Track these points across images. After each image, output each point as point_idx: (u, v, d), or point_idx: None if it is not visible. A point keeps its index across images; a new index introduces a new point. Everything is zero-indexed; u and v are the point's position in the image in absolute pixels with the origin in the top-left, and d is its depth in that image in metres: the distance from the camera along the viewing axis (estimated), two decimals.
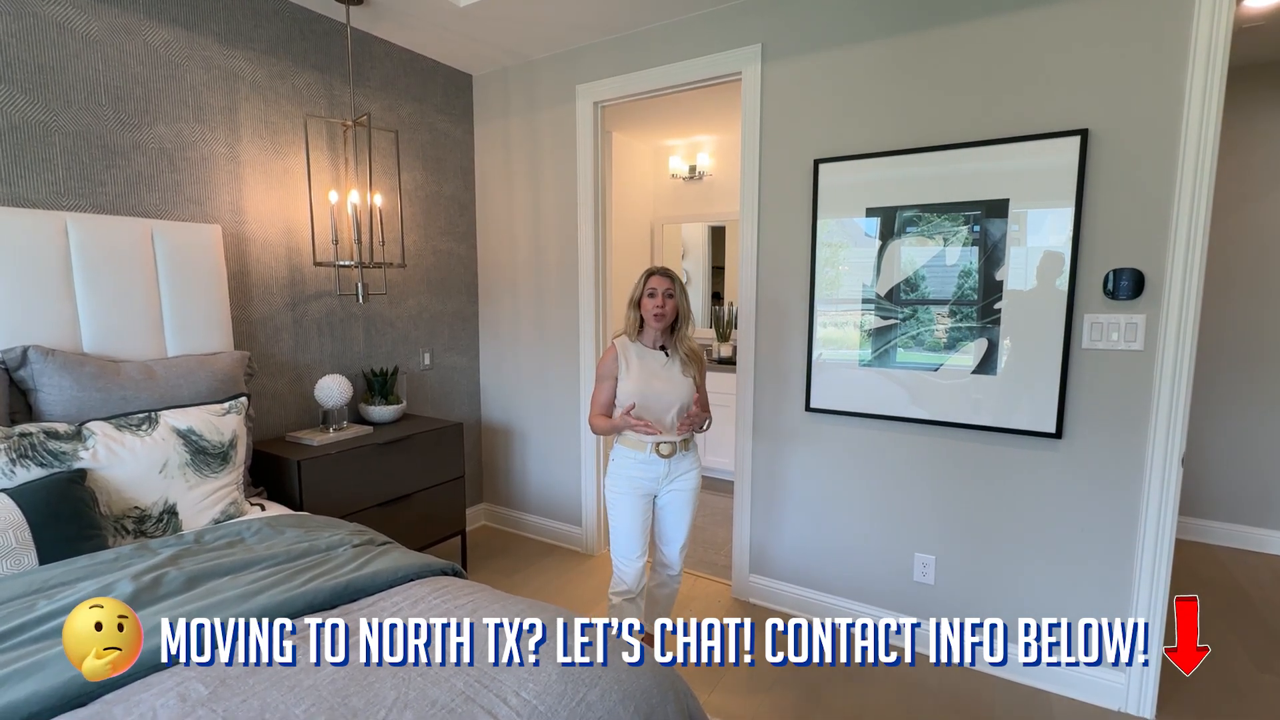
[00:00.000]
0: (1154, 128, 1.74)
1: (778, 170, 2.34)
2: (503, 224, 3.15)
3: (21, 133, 1.79)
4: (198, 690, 0.95)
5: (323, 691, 0.96)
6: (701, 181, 4.49)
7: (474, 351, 3.31)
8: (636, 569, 1.93)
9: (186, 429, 1.79)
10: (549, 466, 3.14)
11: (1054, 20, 1.83)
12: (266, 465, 2.21)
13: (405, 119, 2.84)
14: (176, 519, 1.70)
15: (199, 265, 2.08)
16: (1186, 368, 1.75)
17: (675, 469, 1.91)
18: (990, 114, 1.94)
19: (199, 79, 2.16)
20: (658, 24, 2.54)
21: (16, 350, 1.67)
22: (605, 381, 1.92)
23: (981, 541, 2.08)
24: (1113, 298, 1.83)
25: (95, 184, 1.94)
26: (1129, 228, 1.80)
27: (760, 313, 2.43)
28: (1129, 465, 1.86)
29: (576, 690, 1.04)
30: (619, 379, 1.90)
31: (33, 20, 1.79)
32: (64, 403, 1.70)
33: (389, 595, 1.33)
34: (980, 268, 2.00)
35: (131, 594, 1.18)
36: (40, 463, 1.50)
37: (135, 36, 2.00)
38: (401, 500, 2.49)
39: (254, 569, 1.37)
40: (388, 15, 2.49)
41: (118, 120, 1.98)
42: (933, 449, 2.14)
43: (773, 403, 2.43)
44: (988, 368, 2.02)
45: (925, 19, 2.02)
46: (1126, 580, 1.88)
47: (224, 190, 2.25)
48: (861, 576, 2.32)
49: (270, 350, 2.43)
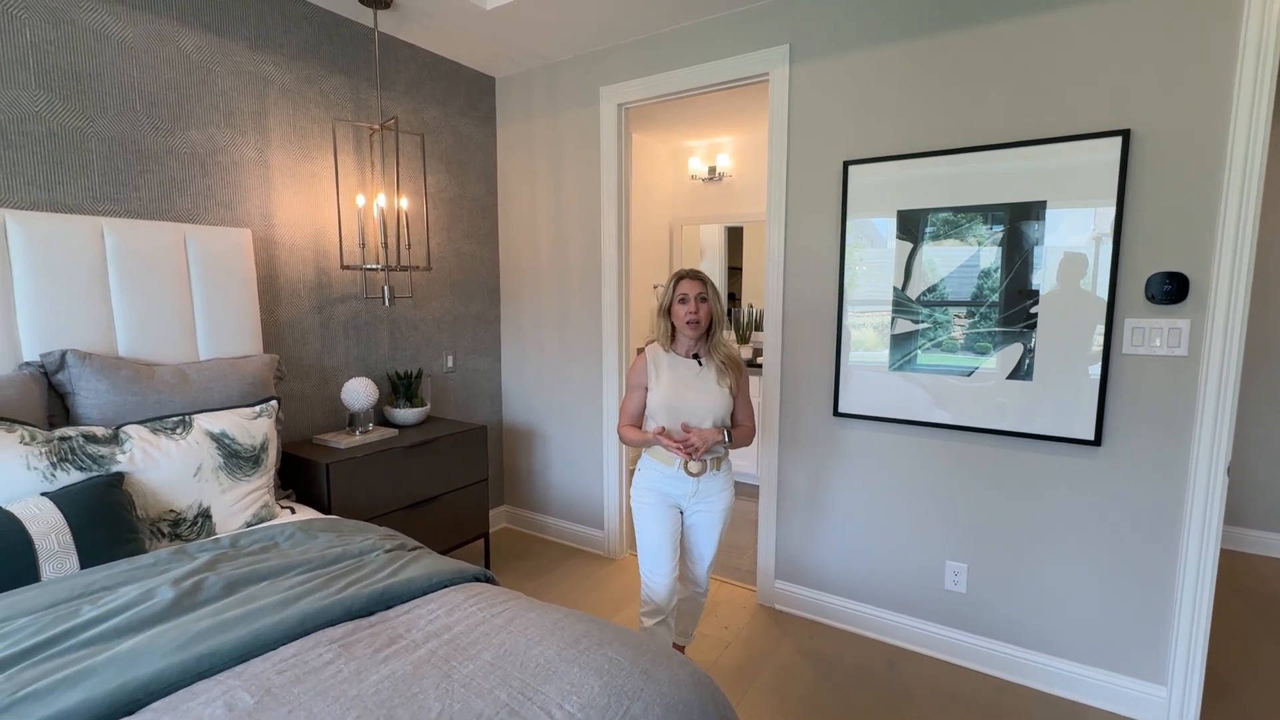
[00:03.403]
0: (1200, 128, 1.69)
1: (806, 172, 2.31)
2: (525, 226, 3.15)
3: (60, 139, 1.81)
4: (244, 700, 0.95)
5: (367, 702, 0.96)
6: (721, 182, 4.46)
7: (496, 354, 3.31)
8: (666, 586, 1.82)
9: (219, 432, 1.80)
10: (571, 469, 3.13)
11: (1093, 20, 1.79)
12: (294, 468, 2.22)
13: (429, 122, 2.85)
14: (210, 522, 1.71)
15: (230, 269, 2.09)
16: (1233, 374, 1.71)
17: (704, 488, 1.81)
18: (1026, 115, 1.91)
19: (229, 84, 2.17)
20: (683, 25, 2.52)
21: (55, 354, 1.69)
22: (635, 391, 1.84)
23: (1015, 549, 2.04)
24: (1155, 302, 1.79)
25: (129, 189, 1.96)
26: (1172, 230, 1.75)
27: (787, 316, 2.41)
28: (1171, 474, 1.81)
29: (620, 703, 1.03)
30: (649, 389, 1.82)
31: (71, 28, 1.81)
32: (100, 406, 1.72)
33: (425, 602, 1.32)
34: (1015, 271, 1.96)
35: (172, 600, 1.19)
36: (80, 466, 1.52)
37: (169, 42, 2.02)
38: (427, 503, 2.49)
39: (290, 575, 1.37)
40: (414, 18, 2.50)
41: (151, 126, 2.00)
42: (964, 455, 2.10)
43: (799, 407, 2.41)
44: (1022, 373, 1.98)
45: (961, 18, 1.98)
46: (1168, 591, 1.84)
47: (253, 194, 2.26)
48: (891, 584, 2.28)
49: (297, 353, 2.44)
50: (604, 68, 2.76)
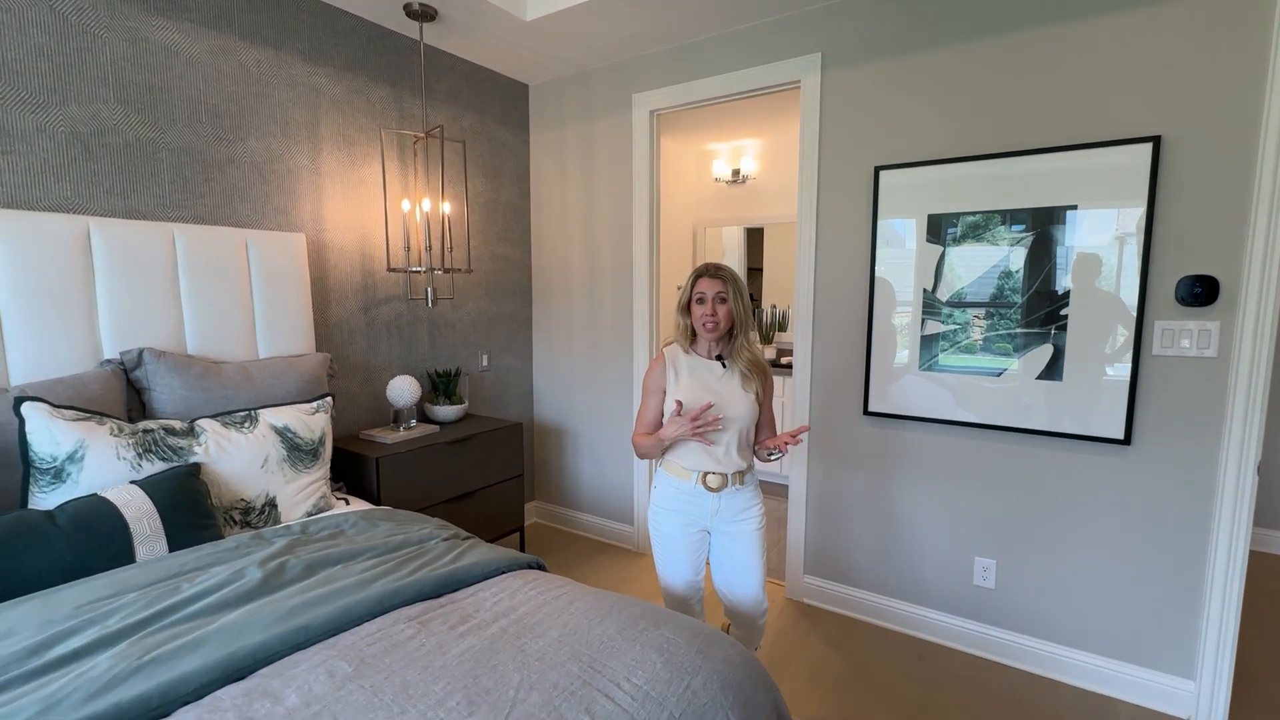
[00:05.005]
0: (1231, 134, 1.73)
1: (837, 176, 2.38)
2: (556, 229, 3.24)
3: (134, 150, 1.92)
4: (342, 668, 1.04)
5: (453, 671, 1.04)
6: (745, 185, 4.53)
7: (527, 353, 3.41)
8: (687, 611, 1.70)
9: (283, 426, 1.90)
10: (601, 465, 3.21)
11: (1123, 30, 1.84)
12: (344, 461, 2.33)
13: (467, 129, 2.94)
14: (276, 511, 1.81)
15: (287, 271, 2.20)
16: (1263, 375, 1.74)
17: (728, 506, 1.64)
18: (1057, 121, 1.95)
19: (285, 95, 2.28)
20: (715, 34, 2.59)
21: (134, 352, 1.81)
22: (652, 396, 1.68)
23: (1044, 546, 2.09)
24: (1185, 304, 1.83)
25: (195, 196, 2.07)
26: (1202, 234, 1.79)
27: (817, 317, 2.47)
28: (1201, 473, 1.85)
29: (681, 678, 1.10)
30: (667, 393, 1.66)
31: (144, 45, 1.93)
32: (174, 401, 1.83)
33: (487, 586, 1.41)
34: (1044, 273, 2.01)
35: (261, 579, 1.29)
36: (162, 457, 1.63)
37: (231, 57, 2.13)
38: (467, 496, 2.59)
39: (361, 559, 1.46)
40: (456, 30, 2.60)
41: (215, 136, 2.11)
42: (993, 454, 2.15)
43: (829, 406, 2.47)
44: (1053, 374, 2.02)
45: (991, 28, 2.03)
46: (1197, 588, 1.88)
47: (306, 200, 2.37)
48: (919, 579, 2.34)
49: (344, 352, 2.55)
50: (636, 75, 2.84)
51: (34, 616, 1.12)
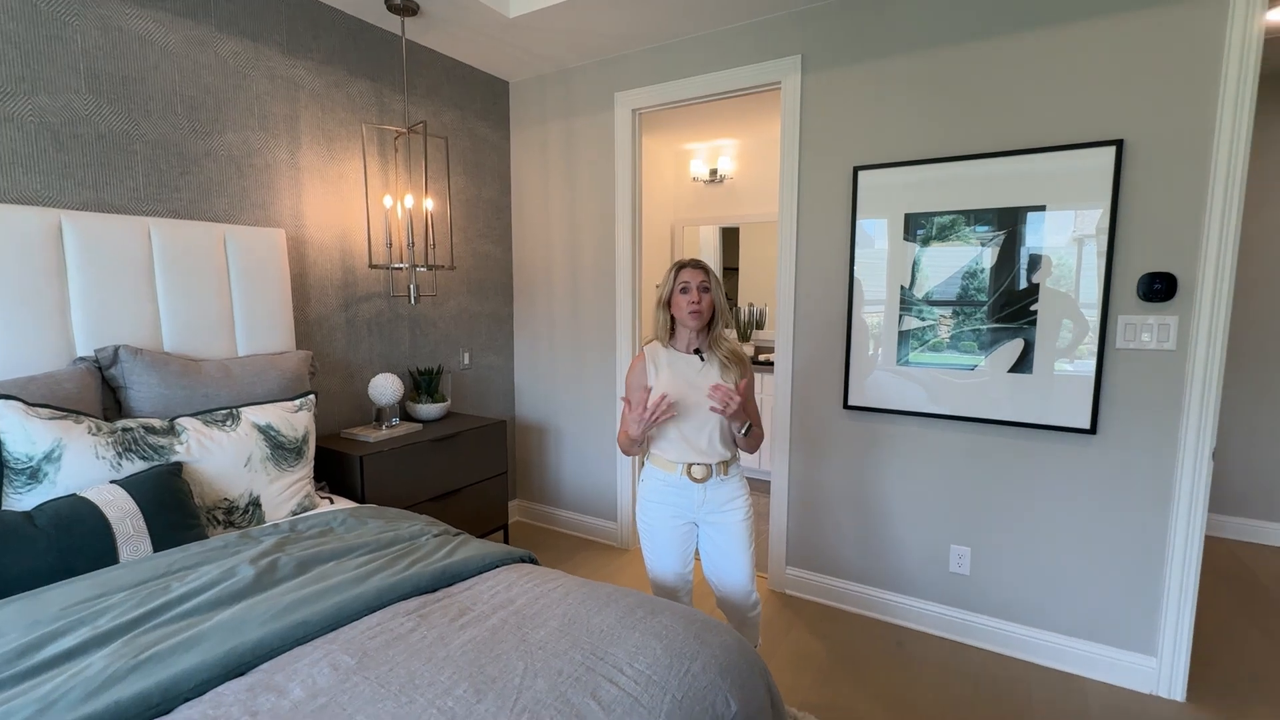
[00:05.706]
0: (1188, 137, 1.83)
1: (817, 176, 2.43)
2: (538, 227, 3.24)
3: (107, 141, 1.87)
4: (345, 661, 1.03)
5: (458, 661, 1.05)
6: (722, 185, 4.58)
7: (509, 351, 3.40)
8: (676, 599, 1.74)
9: (265, 425, 1.87)
10: (584, 463, 3.22)
11: (1088, 37, 1.93)
12: (328, 460, 2.30)
13: (448, 125, 2.93)
14: (260, 510, 1.78)
15: (266, 268, 2.16)
16: (1217, 367, 1.85)
17: (713, 496, 1.68)
18: (1026, 125, 2.04)
19: (264, 88, 2.24)
20: (698, 34, 2.63)
21: (109, 349, 1.76)
22: (634, 394, 1.71)
23: (1016, 533, 2.18)
24: (1145, 300, 1.93)
25: (171, 190, 2.02)
26: (1162, 232, 1.89)
27: (798, 314, 2.52)
28: (1161, 459, 1.95)
29: (681, 663, 1.13)
30: (650, 389, 1.68)
31: (118, 34, 1.87)
32: (151, 399, 1.78)
33: (482, 580, 1.41)
34: (1015, 270, 2.09)
35: (254, 577, 1.27)
36: (143, 456, 1.59)
37: (208, 48, 2.08)
38: (452, 495, 2.57)
39: (353, 555, 1.45)
40: (438, 26, 2.58)
41: (191, 129, 2.06)
42: (968, 445, 2.23)
43: (809, 400, 2.53)
44: (1023, 367, 2.11)
45: (964, 34, 2.11)
46: (1158, 568, 1.98)
47: (285, 195, 2.33)
48: (898, 568, 2.41)
49: (325, 349, 2.51)
50: (619, 74, 2.86)
51: (20, 618, 1.09)
